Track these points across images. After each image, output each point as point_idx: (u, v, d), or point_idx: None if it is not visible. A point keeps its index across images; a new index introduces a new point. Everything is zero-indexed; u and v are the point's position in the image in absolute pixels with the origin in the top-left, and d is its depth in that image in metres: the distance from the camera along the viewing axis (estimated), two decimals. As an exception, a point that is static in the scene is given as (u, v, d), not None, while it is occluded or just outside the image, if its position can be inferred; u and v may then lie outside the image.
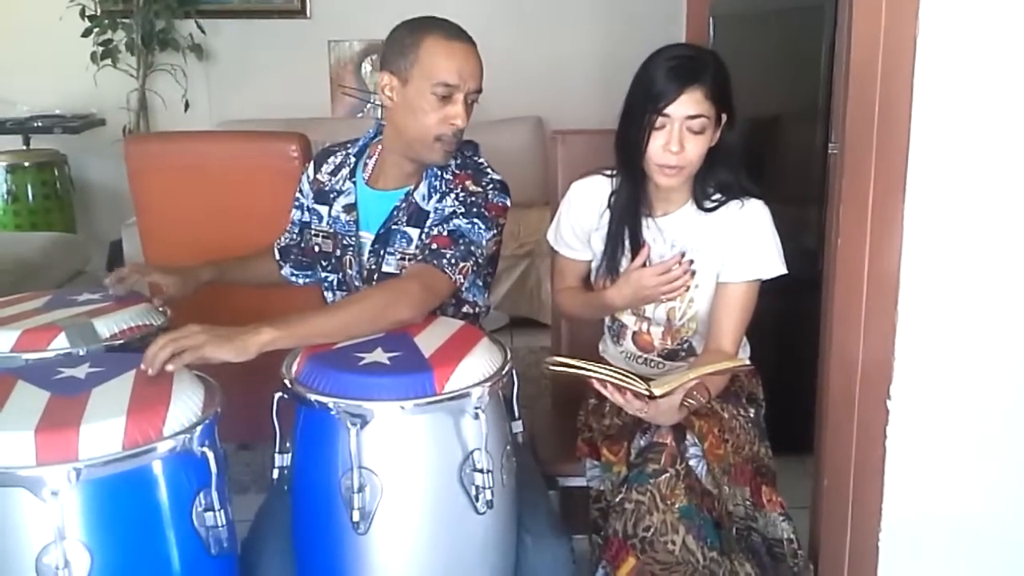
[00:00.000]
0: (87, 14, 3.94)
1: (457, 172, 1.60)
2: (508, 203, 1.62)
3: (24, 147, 4.03)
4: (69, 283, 3.07)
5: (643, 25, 4.01)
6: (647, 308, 1.66)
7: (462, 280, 1.51)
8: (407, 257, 1.59)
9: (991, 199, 1.26)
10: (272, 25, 4.22)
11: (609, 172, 1.68)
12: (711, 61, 1.53)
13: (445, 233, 1.53)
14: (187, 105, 4.10)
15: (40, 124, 4.01)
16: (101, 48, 3.97)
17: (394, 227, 1.61)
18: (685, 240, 1.62)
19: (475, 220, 1.54)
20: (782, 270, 1.60)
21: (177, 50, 4.09)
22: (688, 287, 1.60)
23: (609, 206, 1.67)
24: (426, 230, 1.58)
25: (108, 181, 4.14)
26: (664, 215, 1.64)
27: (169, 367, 1.23)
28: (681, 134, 1.50)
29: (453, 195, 1.58)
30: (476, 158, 1.65)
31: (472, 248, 1.52)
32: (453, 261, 1.50)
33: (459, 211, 1.55)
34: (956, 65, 1.22)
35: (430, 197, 1.60)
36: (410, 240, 1.59)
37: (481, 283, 1.69)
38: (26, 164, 3.89)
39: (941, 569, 1.41)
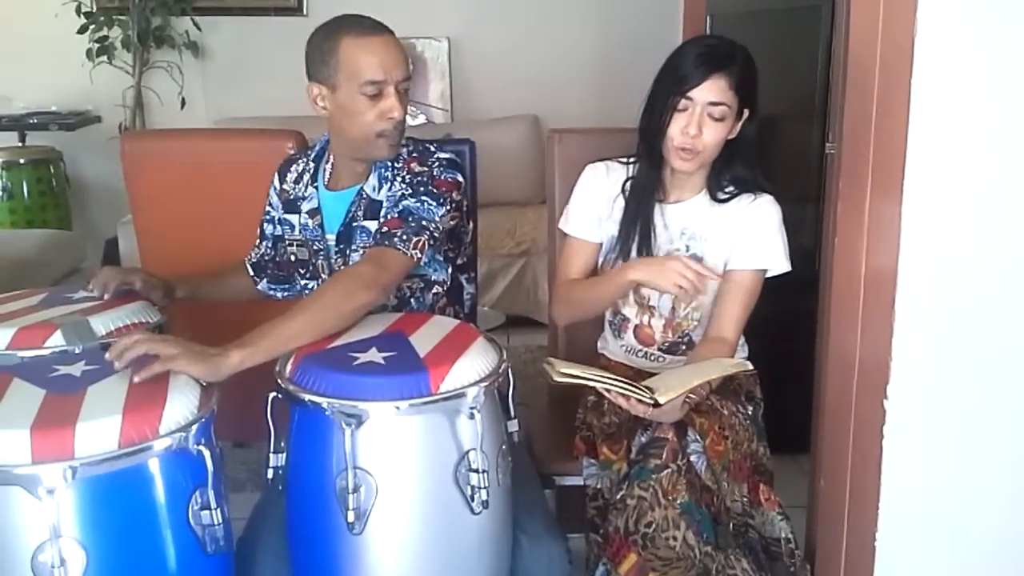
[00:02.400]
0: (83, 11, 3.92)
1: (405, 158, 1.62)
2: (459, 177, 1.62)
3: (20, 144, 4.01)
4: (65, 280, 3.06)
5: (640, 23, 4.01)
6: (652, 297, 1.67)
7: (419, 255, 1.52)
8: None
9: (988, 199, 1.26)
10: (269, 23, 4.20)
11: (624, 160, 1.69)
12: (741, 54, 1.56)
13: (395, 215, 1.54)
14: (183, 102, 4.09)
15: (36, 121, 3.99)
16: (97, 45, 3.95)
17: (354, 224, 1.62)
18: (695, 228, 1.64)
19: (423, 198, 1.55)
20: (787, 267, 1.62)
21: (173, 47, 4.08)
22: (696, 294, 1.57)
23: (623, 192, 1.68)
24: (381, 219, 1.58)
25: (104, 178, 4.13)
26: (677, 202, 1.66)
27: (136, 378, 1.22)
28: (701, 119, 1.54)
29: (400, 179, 1.59)
30: (429, 144, 1.65)
31: (424, 223, 1.53)
32: (405, 238, 1.50)
33: (407, 193, 1.57)
34: (954, 65, 1.22)
35: (380, 187, 1.61)
36: (369, 233, 1.60)
37: (442, 258, 1.68)
38: (22, 161, 3.88)
39: (937, 569, 1.41)
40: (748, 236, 1.62)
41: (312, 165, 1.70)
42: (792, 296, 1.85)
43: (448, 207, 1.58)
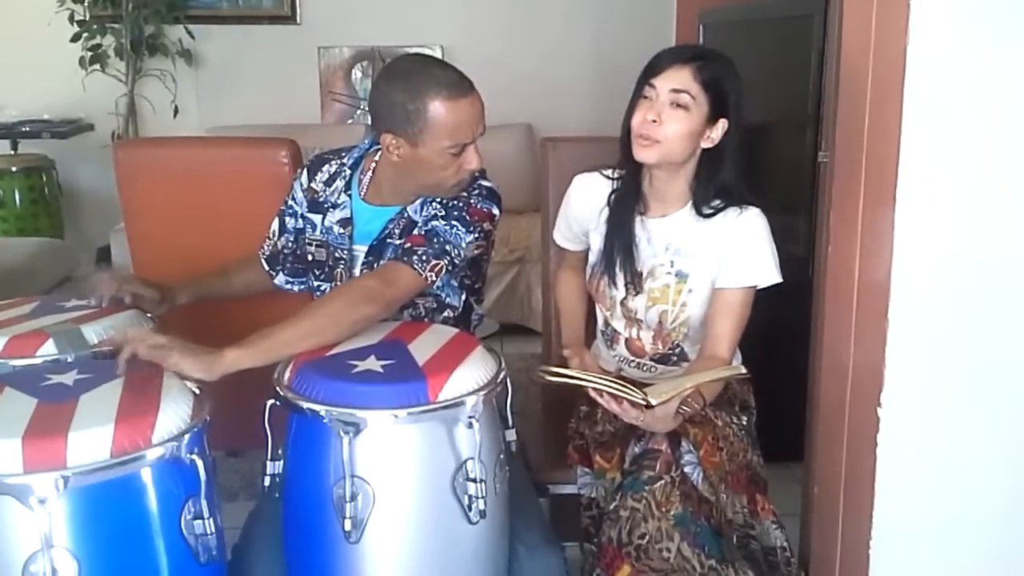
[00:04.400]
0: (76, 19, 3.92)
1: None
2: (495, 210, 1.61)
3: (12, 152, 4.01)
4: (57, 289, 3.05)
5: (633, 32, 4.03)
6: (639, 310, 1.66)
7: (433, 277, 1.51)
8: None
9: (981, 206, 1.27)
10: (262, 31, 4.21)
11: (609, 173, 1.69)
12: (717, 60, 1.55)
13: (421, 233, 1.54)
14: (176, 111, 4.09)
15: (28, 129, 3.99)
16: (90, 53, 3.95)
17: (388, 240, 1.61)
18: (679, 244, 1.63)
19: (454, 222, 1.55)
20: (777, 279, 1.60)
21: (166, 55, 4.08)
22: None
23: (608, 204, 1.68)
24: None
25: (96, 186, 4.12)
26: (661, 216, 1.65)
27: (141, 351, 1.25)
28: (662, 107, 1.53)
29: (437, 200, 1.59)
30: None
31: (447, 247, 1.52)
32: (424, 258, 1.50)
33: (439, 214, 1.56)
34: (946, 73, 1.22)
35: (421, 210, 1.61)
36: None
37: (457, 284, 1.68)
38: (14, 169, 3.87)
39: (931, 576, 1.41)
40: (736, 253, 1.59)
41: (348, 172, 1.68)
42: (785, 304, 1.85)
43: (476, 236, 1.57)
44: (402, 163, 1.54)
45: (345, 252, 1.65)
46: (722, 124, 1.56)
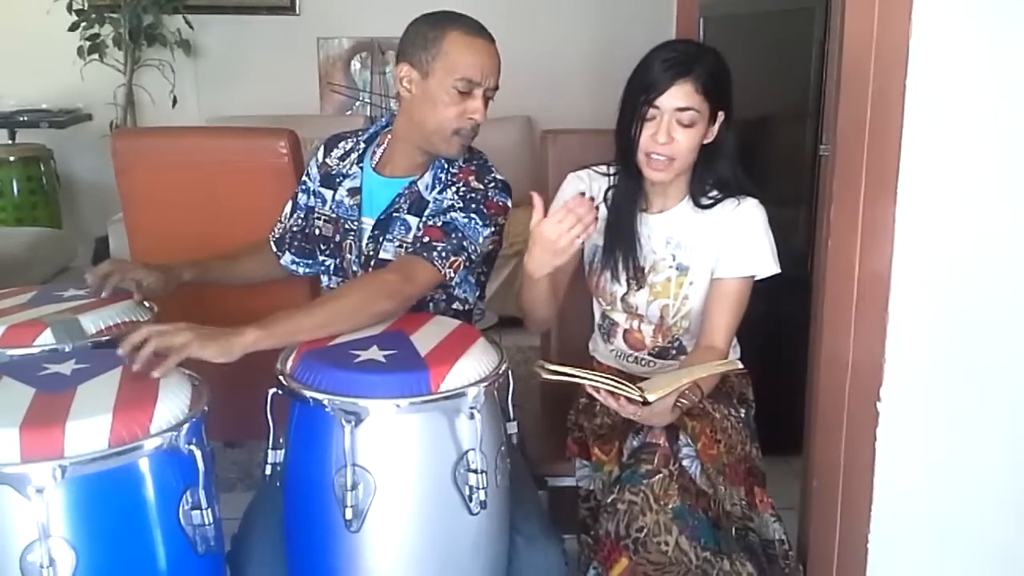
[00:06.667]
0: (74, 8, 3.90)
1: (463, 167, 1.62)
2: (509, 203, 1.62)
3: (9, 141, 3.99)
4: (54, 279, 3.05)
5: (633, 25, 4.01)
6: (640, 305, 1.66)
7: (452, 274, 1.51)
8: (404, 245, 1.59)
9: (982, 201, 1.27)
10: (261, 21, 4.19)
11: (604, 169, 1.69)
12: (708, 57, 1.54)
13: (439, 225, 1.54)
14: (175, 101, 4.07)
15: (26, 118, 3.98)
16: (88, 43, 3.93)
17: (395, 214, 1.61)
18: (680, 237, 1.63)
19: (472, 215, 1.55)
20: (776, 269, 1.60)
21: (165, 45, 4.06)
22: (595, 221, 1.43)
23: (604, 201, 1.67)
24: (423, 221, 1.58)
25: (94, 176, 4.11)
26: (661, 211, 1.65)
27: (155, 374, 1.22)
28: (670, 126, 1.52)
29: (453, 188, 1.59)
30: (486, 159, 1.66)
31: (465, 243, 1.53)
32: (444, 254, 1.50)
33: (457, 205, 1.56)
34: (948, 66, 1.22)
35: (433, 188, 1.61)
36: (408, 228, 1.60)
37: (473, 280, 1.68)
38: (11, 159, 3.86)
39: (929, 571, 1.41)
40: (734, 243, 1.59)
41: (362, 146, 1.70)
42: (785, 298, 1.85)
43: (493, 230, 1.57)
44: (410, 100, 1.56)
45: (354, 224, 1.65)
46: (720, 117, 1.57)
